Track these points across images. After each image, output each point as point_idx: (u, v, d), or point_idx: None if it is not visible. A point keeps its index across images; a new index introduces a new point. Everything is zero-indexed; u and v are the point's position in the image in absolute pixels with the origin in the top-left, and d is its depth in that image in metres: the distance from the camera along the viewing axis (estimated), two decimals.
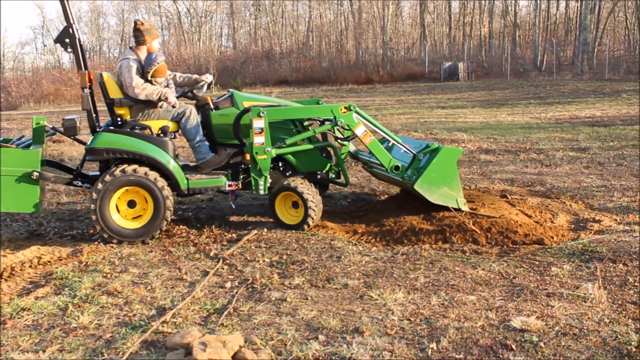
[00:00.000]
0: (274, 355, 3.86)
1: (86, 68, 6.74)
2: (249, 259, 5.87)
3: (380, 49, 50.28)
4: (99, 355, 3.99)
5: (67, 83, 50.06)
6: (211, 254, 6.07)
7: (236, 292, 4.99)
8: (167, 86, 7.04)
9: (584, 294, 4.78)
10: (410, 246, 6.23)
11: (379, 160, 7.15)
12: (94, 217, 6.43)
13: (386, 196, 8.37)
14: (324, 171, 7.40)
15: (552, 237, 6.30)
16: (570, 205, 7.83)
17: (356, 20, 55.02)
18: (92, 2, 66.84)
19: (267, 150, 6.80)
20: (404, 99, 28.37)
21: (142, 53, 6.95)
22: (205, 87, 7.29)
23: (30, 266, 6.05)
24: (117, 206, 6.55)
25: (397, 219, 6.87)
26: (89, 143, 6.70)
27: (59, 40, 6.54)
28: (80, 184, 6.99)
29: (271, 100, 7.50)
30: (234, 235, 6.74)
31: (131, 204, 6.61)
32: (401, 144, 7.27)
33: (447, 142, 13.41)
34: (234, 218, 7.53)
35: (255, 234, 6.71)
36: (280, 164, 7.26)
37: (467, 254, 5.92)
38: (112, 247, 6.47)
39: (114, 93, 6.82)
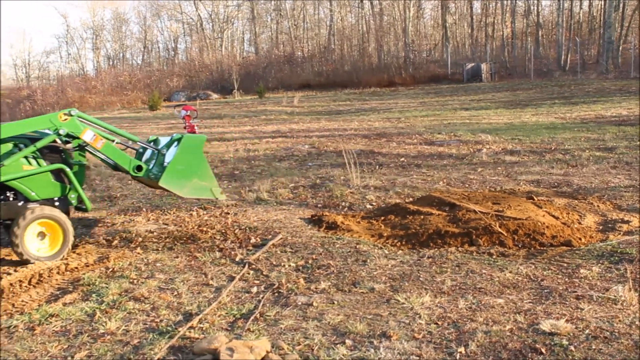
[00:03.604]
0: None
1: None
2: (275, 264, 5.86)
3: (402, 51, 50.20)
4: None
5: (92, 90, 50.65)
6: (237, 259, 6.07)
7: (262, 297, 4.98)
8: None
9: (614, 296, 4.71)
10: (436, 249, 6.18)
11: (118, 164, 6.69)
12: None
13: (411, 199, 8.32)
14: (61, 197, 6.64)
15: (580, 239, 6.22)
16: (598, 206, 7.73)
17: (377, 23, 54.96)
18: (115, 10, 67.23)
19: None
20: (426, 101, 28.29)
21: None
22: None
23: (58, 272, 6.09)
24: None
25: (423, 222, 6.83)
26: None
27: None
28: None
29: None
30: (259, 240, 6.75)
31: None
32: (142, 143, 7.06)
33: (471, 143, 13.33)
34: (258, 223, 7.52)
35: (281, 238, 6.71)
36: (9, 194, 6.42)
37: (494, 257, 5.86)
38: (138, 253, 6.50)
39: None
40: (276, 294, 5.08)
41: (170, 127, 23.05)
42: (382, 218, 7.43)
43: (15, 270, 6.15)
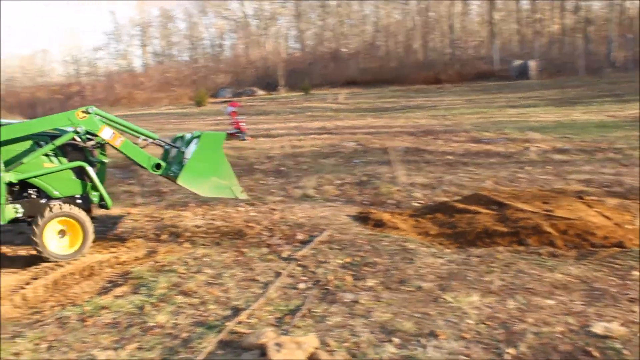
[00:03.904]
0: (349, 357, 3.85)
1: None
2: (322, 261, 5.87)
3: (448, 48, 49.76)
4: (176, 354, 4.06)
5: (139, 87, 51.37)
6: (283, 255, 6.10)
7: (309, 294, 5.00)
8: None
9: None
10: (484, 248, 6.11)
11: (137, 162, 6.67)
12: None
13: (458, 197, 8.25)
14: (83, 195, 6.68)
15: (633, 240, 6.09)
16: None
17: (423, 20, 54.59)
18: (162, 7, 68.03)
19: None
20: (473, 98, 27.99)
21: None
22: None
23: (109, 265, 6.22)
24: None
25: (470, 221, 6.77)
26: None
27: None
28: None
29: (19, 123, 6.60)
30: (306, 236, 6.76)
31: None
32: (161, 140, 6.99)
33: (519, 141, 13.14)
34: (304, 220, 7.53)
35: (327, 235, 6.71)
36: (31, 191, 6.52)
37: (544, 257, 5.77)
38: (186, 248, 6.58)
39: None
40: (323, 291, 5.09)
41: (216, 123, 23.23)
42: (429, 216, 7.38)
43: (67, 263, 6.29)
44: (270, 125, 21.31)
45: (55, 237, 6.33)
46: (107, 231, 7.58)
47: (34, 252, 6.34)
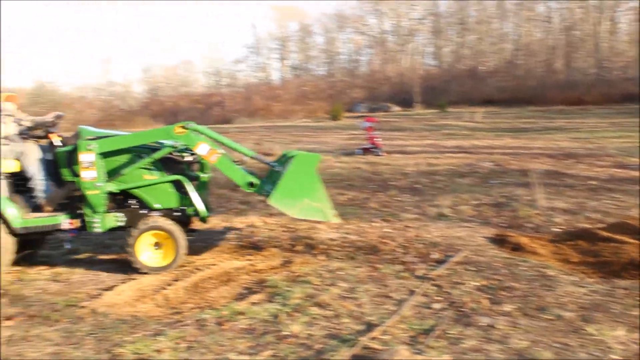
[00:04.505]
0: None
1: None
2: (457, 282, 5.75)
3: (593, 67, 47.79)
4: None
5: (276, 99, 52.70)
6: (418, 274, 6.03)
7: (444, 315, 4.91)
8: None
9: None
10: (630, 280, 5.77)
11: (232, 179, 6.62)
12: None
13: (602, 224, 7.87)
14: (181, 207, 6.77)
15: None
16: None
17: (567, 38, 52.76)
18: (301, 21, 69.56)
19: (98, 185, 6.40)
20: (619, 121, 26.70)
21: None
22: (57, 124, 7.01)
23: (245, 273, 6.39)
24: None
25: (616, 250, 6.43)
26: None
27: None
28: None
29: (121, 135, 6.77)
30: (441, 255, 6.67)
31: None
32: (257, 158, 6.81)
33: None
34: (439, 239, 7.44)
35: (463, 256, 6.59)
36: (133, 201, 6.74)
37: None
38: (321, 259, 6.65)
39: None
40: (458, 313, 4.98)
41: (351, 138, 23.45)
42: (570, 243, 7.07)
43: (206, 267, 6.52)
44: (405, 141, 21.27)
45: (149, 248, 6.53)
46: (244, 239, 7.79)
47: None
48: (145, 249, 6.50)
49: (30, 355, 4.43)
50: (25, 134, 6.92)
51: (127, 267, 6.58)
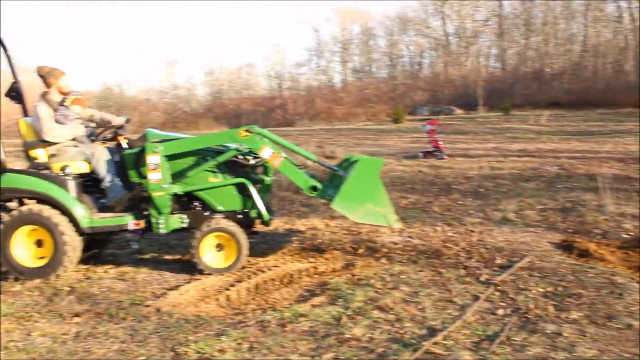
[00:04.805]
0: None
1: None
2: (522, 288, 5.65)
3: None
4: None
5: (338, 102, 52.79)
6: (481, 279, 5.95)
7: (508, 321, 4.83)
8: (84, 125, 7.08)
9: None
10: None
11: (295, 183, 6.66)
12: None
13: None
14: (245, 210, 6.80)
15: None
16: None
17: (638, 38, 51.27)
18: (364, 24, 69.49)
19: (164, 187, 6.49)
20: None
21: (53, 95, 7.00)
22: (125, 127, 7.08)
23: (307, 275, 6.41)
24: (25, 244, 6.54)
25: None
26: None
27: (8, 94, 6.82)
28: None
29: (187, 138, 6.88)
30: (505, 261, 6.56)
31: (40, 243, 6.57)
32: (320, 162, 6.83)
33: None
34: (503, 244, 7.32)
35: (528, 261, 6.47)
36: (197, 203, 6.83)
37: None
38: (383, 263, 6.63)
39: (28, 136, 6.88)
40: (523, 319, 4.89)
41: (413, 141, 23.31)
42: None
43: (268, 269, 6.57)
44: (469, 145, 21.02)
45: (212, 250, 6.60)
46: (306, 241, 7.83)
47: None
48: (209, 251, 6.58)
49: (97, 352, 4.54)
50: (94, 136, 7.11)
51: (191, 267, 6.68)
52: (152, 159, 6.49)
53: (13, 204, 6.66)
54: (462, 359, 4.02)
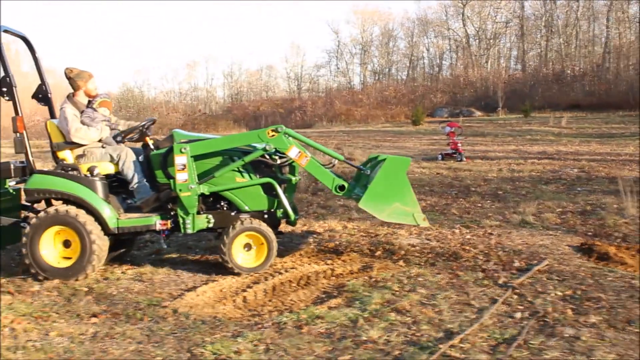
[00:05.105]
0: None
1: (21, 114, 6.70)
2: (540, 291, 5.60)
3: None
4: None
5: (357, 104, 52.79)
6: (500, 282, 5.91)
7: (526, 324, 4.79)
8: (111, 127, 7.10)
9: None
10: None
11: (322, 182, 6.66)
12: (23, 251, 6.45)
13: None
14: (271, 210, 6.84)
15: None
16: None
17: None
18: (384, 26, 69.40)
19: (191, 187, 6.51)
20: None
21: (80, 97, 7.04)
22: (150, 128, 7.12)
23: (324, 277, 6.40)
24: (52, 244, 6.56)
25: None
26: (24, 185, 6.76)
27: (35, 96, 6.76)
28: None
29: (214, 139, 6.90)
30: (523, 264, 6.52)
31: (68, 243, 6.58)
32: (348, 162, 6.83)
33: None
34: (522, 247, 7.27)
35: (547, 264, 6.42)
36: (223, 203, 6.86)
37: None
38: (400, 265, 6.61)
39: (55, 138, 6.90)
40: (541, 323, 4.85)
41: (432, 143, 23.25)
42: None
43: (285, 271, 6.57)
44: (488, 147, 20.93)
45: (241, 250, 6.62)
46: (323, 243, 7.82)
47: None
48: (239, 250, 6.61)
49: (114, 352, 4.56)
50: (120, 138, 7.17)
51: (208, 268, 6.71)
52: (179, 159, 6.53)
53: (39, 206, 6.73)
54: None
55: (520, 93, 48.45)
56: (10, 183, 7.00)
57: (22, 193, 6.83)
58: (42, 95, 7.38)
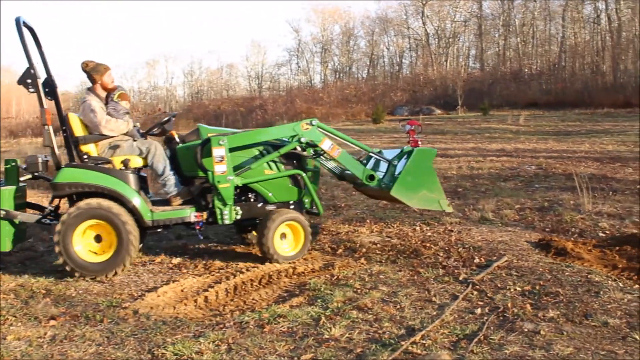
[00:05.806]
0: None
1: (45, 106, 6.66)
2: (500, 286, 5.68)
3: None
4: None
5: (318, 102, 52.73)
6: (460, 278, 5.97)
7: (486, 320, 4.84)
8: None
9: None
10: None
11: (352, 172, 6.98)
12: (57, 249, 6.38)
13: None
14: (296, 201, 7.14)
15: None
16: None
17: (615, 40, 51.79)
18: (344, 25, 69.59)
19: (229, 179, 6.66)
20: None
21: (99, 90, 7.08)
22: (172, 122, 7.23)
23: (286, 275, 6.40)
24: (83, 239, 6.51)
25: None
26: (53, 179, 6.66)
27: (22, 81, 6.67)
28: (48, 222, 6.90)
29: (238, 132, 7.07)
30: (483, 260, 6.59)
31: (98, 238, 6.56)
32: (374, 154, 7.11)
33: None
34: (482, 243, 7.35)
35: (506, 260, 6.50)
36: (250, 195, 7.07)
37: None
38: (362, 263, 6.63)
39: (79, 131, 6.88)
40: (501, 318, 4.91)
41: (392, 141, 23.36)
42: (617, 248, 6.92)
43: (247, 270, 6.54)
44: (448, 145, 21.11)
45: (279, 239, 6.78)
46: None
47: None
48: (278, 241, 6.77)
49: (73, 355, 4.49)
50: (142, 132, 7.22)
51: (169, 269, 6.65)
52: (217, 152, 6.63)
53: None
54: (441, 358, 4.01)
55: (479, 91, 48.96)
56: (22, 178, 6.96)
57: (51, 188, 6.70)
58: (48, 89, 7.28)
